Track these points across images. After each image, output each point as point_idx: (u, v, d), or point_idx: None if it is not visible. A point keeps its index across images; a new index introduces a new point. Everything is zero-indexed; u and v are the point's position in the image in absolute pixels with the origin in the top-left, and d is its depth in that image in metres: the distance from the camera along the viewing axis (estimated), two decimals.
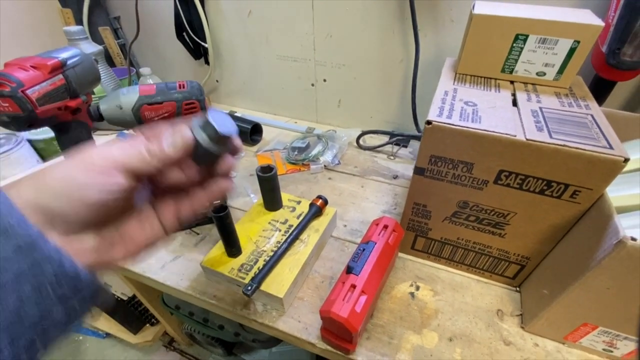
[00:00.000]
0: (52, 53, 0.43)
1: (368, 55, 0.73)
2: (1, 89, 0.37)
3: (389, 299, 0.47)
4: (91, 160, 0.19)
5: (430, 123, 0.37)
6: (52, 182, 0.18)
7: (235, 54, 0.86)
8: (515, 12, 0.42)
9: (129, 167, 0.20)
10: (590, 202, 0.35)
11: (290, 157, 0.73)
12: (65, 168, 0.19)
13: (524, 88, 0.45)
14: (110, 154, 0.20)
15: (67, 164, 0.19)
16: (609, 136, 0.34)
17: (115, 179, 0.19)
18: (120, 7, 0.90)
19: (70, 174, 0.19)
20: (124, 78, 0.85)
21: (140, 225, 0.23)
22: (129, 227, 0.22)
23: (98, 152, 0.20)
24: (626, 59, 0.48)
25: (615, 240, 0.30)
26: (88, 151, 0.20)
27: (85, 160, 0.19)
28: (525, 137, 0.34)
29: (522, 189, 0.37)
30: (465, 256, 0.48)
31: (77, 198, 0.18)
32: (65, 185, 0.18)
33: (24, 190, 0.18)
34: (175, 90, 0.43)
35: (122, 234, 0.22)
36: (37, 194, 0.18)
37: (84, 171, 0.19)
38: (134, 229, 0.22)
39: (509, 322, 0.44)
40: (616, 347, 0.39)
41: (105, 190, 0.19)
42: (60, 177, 0.19)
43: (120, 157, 0.20)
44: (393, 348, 0.41)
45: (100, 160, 0.19)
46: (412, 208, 0.46)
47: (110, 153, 0.20)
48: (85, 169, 0.19)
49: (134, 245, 0.22)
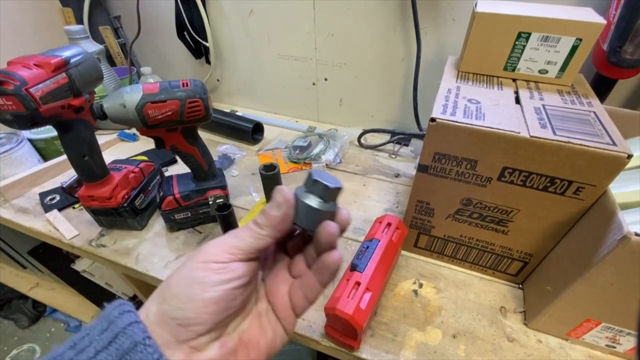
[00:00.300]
0: (55, 51, 0.43)
1: (369, 54, 0.73)
2: (4, 87, 0.37)
3: (393, 297, 0.47)
4: (209, 256, 0.20)
5: (434, 120, 0.37)
6: (175, 288, 0.19)
7: (237, 53, 0.86)
8: (518, 10, 0.43)
9: (244, 247, 0.20)
10: (593, 198, 0.35)
11: (291, 156, 0.73)
12: (187, 269, 0.19)
13: (526, 86, 0.45)
14: (225, 243, 0.20)
15: (188, 265, 0.20)
16: (612, 133, 0.34)
17: (234, 265, 0.20)
18: (121, 6, 0.89)
19: (191, 275, 0.19)
20: (125, 77, 0.85)
21: (259, 326, 0.22)
22: (249, 329, 0.22)
23: (214, 244, 0.20)
24: (627, 56, 0.48)
25: (619, 235, 0.30)
26: (206, 248, 0.20)
27: (204, 258, 0.20)
28: (529, 134, 0.34)
29: (525, 185, 0.37)
30: (468, 254, 0.48)
31: (200, 298, 0.18)
32: (187, 286, 0.19)
33: (150, 306, 0.19)
34: (178, 88, 0.43)
35: (243, 339, 0.21)
36: (161, 305, 0.19)
37: (204, 269, 0.19)
38: (254, 331, 0.22)
39: (512, 318, 0.44)
40: (619, 343, 0.39)
41: (225, 279, 0.19)
42: (182, 279, 0.19)
43: (234, 242, 0.20)
44: (397, 345, 0.41)
45: (217, 251, 0.20)
46: (416, 206, 0.46)
47: (226, 242, 0.20)
48: (205, 266, 0.19)
49: (256, 352, 0.21)
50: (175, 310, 0.18)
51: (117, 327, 0.17)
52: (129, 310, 0.18)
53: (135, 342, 0.17)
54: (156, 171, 0.62)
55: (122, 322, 0.17)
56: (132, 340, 0.17)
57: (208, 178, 0.54)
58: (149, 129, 0.44)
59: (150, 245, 0.55)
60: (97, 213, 0.54)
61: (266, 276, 0.24)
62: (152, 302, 0.19)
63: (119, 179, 0.52)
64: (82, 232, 0.57)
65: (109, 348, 0.17)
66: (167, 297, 0.19)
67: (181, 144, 0.48)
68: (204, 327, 0.19)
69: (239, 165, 0.73)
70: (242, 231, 0.21)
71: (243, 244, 0.20)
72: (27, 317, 1.23)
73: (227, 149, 0.77)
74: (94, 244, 0.55)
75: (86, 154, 0.47)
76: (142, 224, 0.57)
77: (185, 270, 0.19)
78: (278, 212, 0.20)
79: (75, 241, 0.55)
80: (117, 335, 0.17)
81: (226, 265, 0.19)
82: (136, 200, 0.55)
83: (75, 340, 0.18)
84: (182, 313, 0.18)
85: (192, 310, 0.18)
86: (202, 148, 0.50)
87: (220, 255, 0.20)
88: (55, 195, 0.63)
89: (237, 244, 0.20)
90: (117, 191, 0.52)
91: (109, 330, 0.17)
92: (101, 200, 0.51)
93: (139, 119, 0.42)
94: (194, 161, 0.51)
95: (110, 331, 0.17)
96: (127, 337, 0.17)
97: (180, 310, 0.18)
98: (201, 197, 0.53)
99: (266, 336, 0.22)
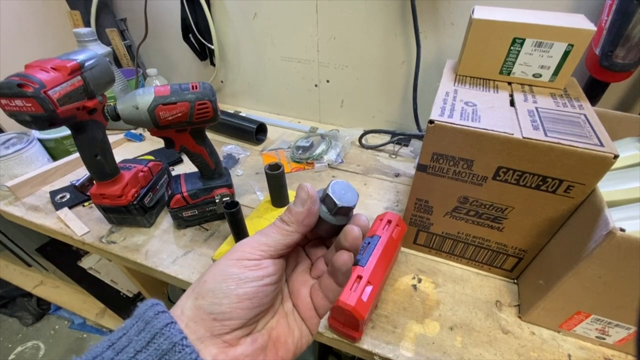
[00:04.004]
0: (70, 55, 0.45)
1: (370, 56, 0.75)
2: (25, 89, 0.39)
3: (393, 291, 0.49)
4: (242, 254, 0.21)
5: (432, 122, 0.39)
6: (210, 283, 0.20)
7: (241, 55, 0.88)
8: (513, 17, 0.45)
9: (273, 244, 0.21)
10: (583, 196, 0.37)
11: (294, 155, 0.75)
12: (221, 266, 0.20)
13: (521, 89, 0.47)
14: (255, 241, 0.21)
15: (222, 262, 0.21)
16: (600, 134, 0.36)
17: (266, 262, 0.21)
18: (127, 8, 0.91)
19: (226, 271, 0.20)
20: (132, 79, 0.87)
21: (287, 324, 0.23)
22: (277, 327, 0.23)
23: (246, 243, 0.21)
24: (618, 61, 0.50)
25: (605, 231, 0.32)
26: (239, 247, 0.21)
27: (237, 256, 0.21)
28: (522, 135, 0.36)
29: (519, 184, 0.39)
30: (465, 250, 0.50)
31: (235, 293, 0.19)
32: (222, 282, 0.20)
33: (185, 303, 0.20)
34: (188, 91, 0.45)
35: (272, 336, 0.22)
36: (196, 301, 0.20)
37: (238, 266, 0.20)
38: (282, 330, 0.23)
39: (507, 312, 0.46)
40: (608, 335, 0.41)
41: (258, 276, 0.20)
42: (217, 275, 0.20)
43: (264, 239, 0.21)
44: (397, 336, 0.43)
45: (249, 249, 0.21)
46: (415, 203, 0.48)
47: (256, 241, 0.21)
48: (239, 263, 0.20)
49: (284, 350, 0.22)
50: (210, 306, 0.19)
51: (154, 328, 0.18)
52: (163, 311, 0.19)
53: (173, 343, 0.18)
54: (164, 170, 0.64)
55: (159, 322, 0.18)
56: (170, 341, 0.18)
57: (215, 177, 0.55)
58: (159, 129, 0.46)
59: (158, 241, 0.56)
60: (108, 210, 0.56)
61: (289, 278, 0.25)
62: (186, 298, 0.20)
63: (129, 178, 0.54)
64: (93, 229, 0.59)
65: (147, 348, 0.17)
66: (202, 293, 0.20)
67: (190, 144, 0.50)
68: (238, 322, 0.20)
69: (243, 164, 0.75)
70: (270, 229, 0.22)
71: (272, 241, 0.21)
72: (31, 314, 1.25)
73: (231, 149, 0.79)
74: (104, 240, 0.57)
75: (99, 153, 0.49)
76: (150, 221, 0.59)
77: (219, 267, 0.20)
78: (302, 207, 0.22)
79: (86, 238, 0.57)
80: (154, 336, 0.18)
81: (259, 263, 0.21)
82: (145, 198, 0.57)
83: (112, 340, 0.18)
84: (218, 308, 0.19)
85: (228, 305, 0.19)
86: (209, 148, 0.52)
87: (252, 253, 0.21)
88: (66, 194, 0.65)
89: (266, 242, 0.21)
90: (128, 189, 0.54)
91: (146, 330, 0.18)
92: (112, 198, 0.53)
93: (150, 120, 0.44)
94: (201, 160, 0.52)
95: (147, 332, 0.18)
96: (165, 337, 0.18)
97: (216, 305, 0.19)
98: (208, 195, 0.55)
99: (293, 335, 0.23)
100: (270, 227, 0.22)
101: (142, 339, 0.18)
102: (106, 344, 0.18)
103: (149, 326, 0.18)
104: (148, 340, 0.18)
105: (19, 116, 0.40)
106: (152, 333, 0.18)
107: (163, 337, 0.18)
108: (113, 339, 0.18)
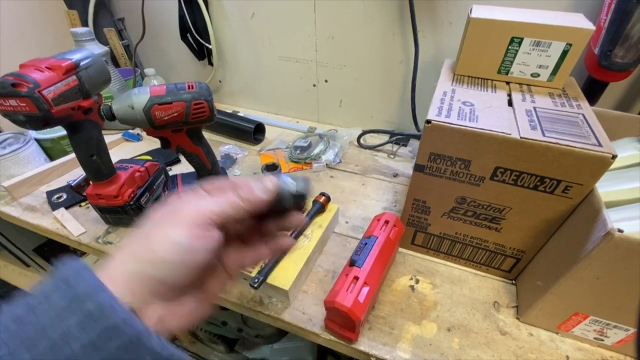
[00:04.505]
0: (65, 54, 0.44)
1: (369, 56, 0.75)
2: (19, 89, 0.38)
3: (390, 292, 0.48)
4: (190, 219, 0.20)
5: (430, 122, 0.38)
6: (157, 250, 0.19)
7: (238, 55, 0.88)
8: (511, 16, 0.44)
9: (224, 216, 0.21)
10: (581, 197, 0.37)
11: (292, 155, 0.75)
12: (166, 231, 0.19)
13: (519, 89, 0.46)
14: (207, 209, 0.20)
15: (166, 226, 0.20)
16: (598, 134, 0.36)
17: (214, 234, 0.20)
18: (125, 8, 0.91)
19: (174, 240, 0.19)
20: (129, 78, 0.87)
21: (216, 278, 0.24)
22: (211, 282, 0.24)
23: (195, 208, 0.20)
24: (617, 60, 0.50)
25: (603, 232, 0.31)
26: (184, 208, 0.20)
27: (185, 220, 0.20)
28: (520, 135, 0.36)
29: (517, 184, 0.39)
30: (463, 250, 0.50)
31: (183, 264, 0.19)
32: (170, 252, 0.19)
33: (127, 261, 0.19)
34: (184, 90, 0.45)
35: (205, 289, 0.23)
36: (141, 266, 0.19)
37: (188, 236, 0.19)
38: (213, 283, 0.24)
39: (505, 313, 0.46)
40: (606, 336, 0.40)
41: (208, 249, 0.20)
42: (164, 243, 0.19)
43: (216, 209, 0.21)
44: (394, 338, 0.43)
45: (200, 217, 0.20)
46: (412, 204, 0.48)
47: (207, 208, 0.20)
48: (189, 232, 0.19)
49: (212, 296, 0.23)
50: (158, 272, 0.19)
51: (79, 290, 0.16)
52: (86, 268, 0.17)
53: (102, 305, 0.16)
54: (161, 170, 0.64)
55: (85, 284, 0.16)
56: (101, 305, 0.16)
57: (211, 177, 0.55)
58: (155, 129, 0.46)
59: None
60: (104, 211, 0.55)
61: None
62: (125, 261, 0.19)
63: (126, 178, 0.54)
64: (89, 229, 0.58)
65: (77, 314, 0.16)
66: (152, 261, 0.19)
67: (186, 144, 0.50)
68: (183, 288, 0.20)
69: (240, 164, 0.75)
70: (222, 199, 0.21)
71: (222, 213, 0.21)
72: None
73: (229, 149, 0.78)
74: (101, 241, 0.56)
75: (94, 153, 0.49)
76: None
77: (166, 232, 0.19)
78: (264, 196, 0.23)
79: (82, 238, 0.57)
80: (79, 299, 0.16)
81: (210, 234, 0.20)
82: (142, 198, 0.57)
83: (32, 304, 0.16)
84: (165, 276, 0.19)
85: (176, 274, 0.19)
86: (206, 148, 0.52)
87: (201, 219, 0.20)
88: (62, 194, 0.65)
89: (217, 211, 0.20)
90: (124, 190, 0.54)
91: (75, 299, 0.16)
92: (108, 199, 0.53)
93: (146, 119, 0.44)
94: (198, 161, 0.52)
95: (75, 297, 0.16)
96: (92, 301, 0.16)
97: (163, 273, 0.19)
98: None
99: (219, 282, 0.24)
100: (223, 197, 0.22)
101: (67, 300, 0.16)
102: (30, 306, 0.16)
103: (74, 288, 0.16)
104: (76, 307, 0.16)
105: (13, 116, 0.40)
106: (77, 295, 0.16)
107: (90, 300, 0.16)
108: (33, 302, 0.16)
